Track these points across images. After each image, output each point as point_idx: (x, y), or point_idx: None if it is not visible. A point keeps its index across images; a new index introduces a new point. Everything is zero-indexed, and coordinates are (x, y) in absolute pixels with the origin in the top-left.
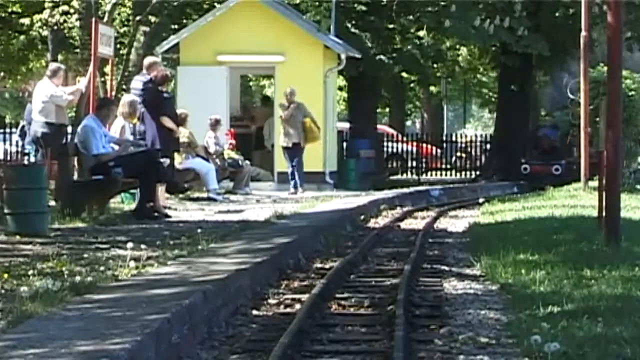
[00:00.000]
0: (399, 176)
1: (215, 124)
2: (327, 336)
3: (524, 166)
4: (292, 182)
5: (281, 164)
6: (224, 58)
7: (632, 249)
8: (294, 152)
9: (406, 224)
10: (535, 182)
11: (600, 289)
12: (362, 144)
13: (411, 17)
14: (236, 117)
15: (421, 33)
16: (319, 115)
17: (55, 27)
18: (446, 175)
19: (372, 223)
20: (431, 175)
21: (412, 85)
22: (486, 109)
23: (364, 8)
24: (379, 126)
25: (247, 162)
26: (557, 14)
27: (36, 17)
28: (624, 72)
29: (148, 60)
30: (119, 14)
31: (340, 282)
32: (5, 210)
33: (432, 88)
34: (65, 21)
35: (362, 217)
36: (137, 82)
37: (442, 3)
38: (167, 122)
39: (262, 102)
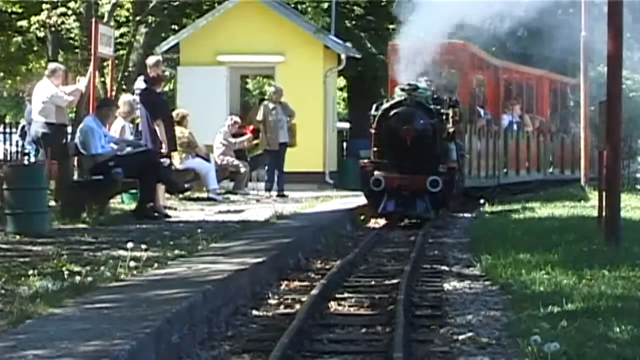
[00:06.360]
0: None
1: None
2: (327, 336)
3: (375, 177)
4: (275, 185)
5: None
6: (224, 58)
7: (632, 249)
8: (278, 153)
9: (406, 224)
10: (397, 203)
11: (600, 289)
12: (362, 144)
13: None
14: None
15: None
16: (319, 115)
17: (53, 29)
18: None
19: (372, 223)
20: None
21: None
22: None
23: (362, 11)
24: None
25: (247, 162)
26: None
27: (34, 18)
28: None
29: (151, 59)
30: (116, 16)
31: (340, 282)
32: (5, 210)
33: None
34: (63, 22)
35: (362, 217)
36: (141, 82)
37: None
38: (161, 132)
39: (260, 102)
